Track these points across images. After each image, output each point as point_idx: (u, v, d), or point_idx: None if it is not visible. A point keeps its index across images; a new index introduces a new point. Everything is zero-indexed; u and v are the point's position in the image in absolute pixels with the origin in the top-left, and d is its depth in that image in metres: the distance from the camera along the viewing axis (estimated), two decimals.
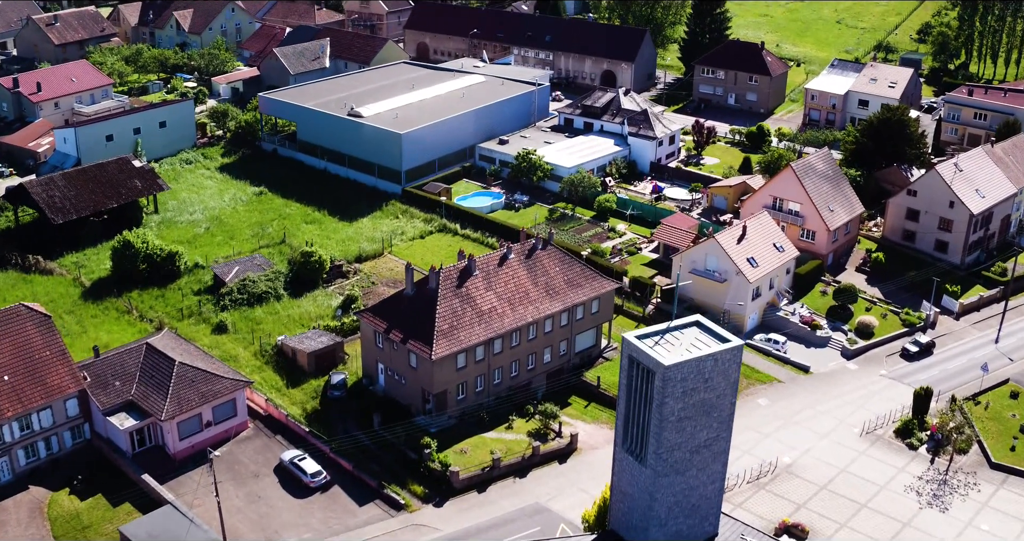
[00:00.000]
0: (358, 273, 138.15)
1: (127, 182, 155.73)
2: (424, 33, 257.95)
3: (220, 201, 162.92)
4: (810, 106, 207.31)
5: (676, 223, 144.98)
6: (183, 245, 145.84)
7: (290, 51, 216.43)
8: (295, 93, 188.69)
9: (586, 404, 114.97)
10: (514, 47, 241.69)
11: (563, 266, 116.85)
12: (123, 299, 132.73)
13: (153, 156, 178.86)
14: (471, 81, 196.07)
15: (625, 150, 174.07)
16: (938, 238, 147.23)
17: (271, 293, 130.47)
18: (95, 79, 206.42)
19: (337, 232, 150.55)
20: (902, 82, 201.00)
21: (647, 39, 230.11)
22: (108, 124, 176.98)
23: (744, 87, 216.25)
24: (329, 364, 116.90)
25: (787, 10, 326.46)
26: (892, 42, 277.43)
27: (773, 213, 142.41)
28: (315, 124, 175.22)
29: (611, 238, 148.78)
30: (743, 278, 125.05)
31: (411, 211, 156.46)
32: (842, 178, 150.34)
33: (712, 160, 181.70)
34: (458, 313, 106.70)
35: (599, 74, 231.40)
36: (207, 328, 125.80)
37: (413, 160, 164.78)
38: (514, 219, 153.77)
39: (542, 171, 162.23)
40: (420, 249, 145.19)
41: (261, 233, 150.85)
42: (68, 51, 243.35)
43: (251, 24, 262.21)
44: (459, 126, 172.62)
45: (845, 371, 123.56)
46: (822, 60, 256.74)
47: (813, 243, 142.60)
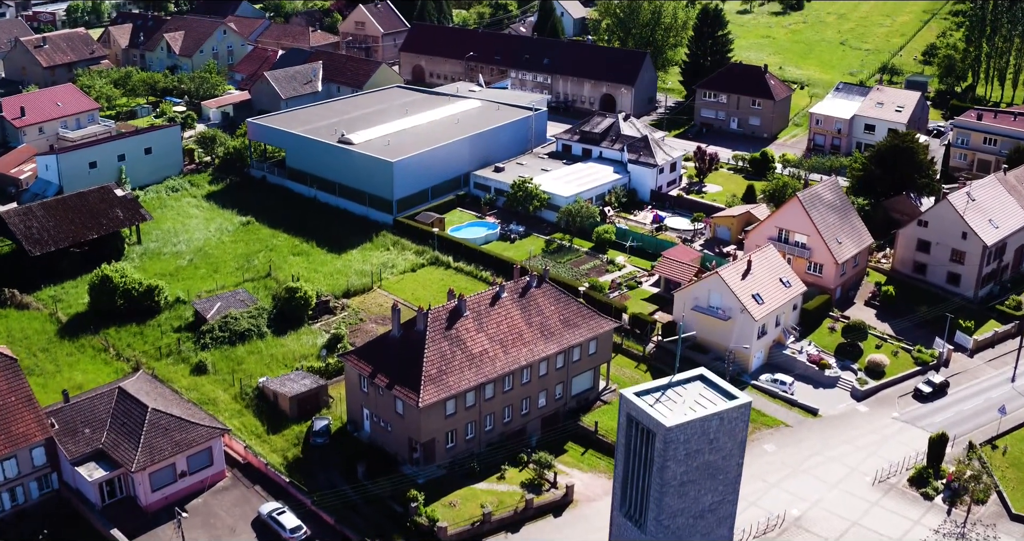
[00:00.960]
0: (346, 309, 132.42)
1: (108, 212, 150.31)
2: (420, 56, 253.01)
3: (205, 231, 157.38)
4: (815, 131, 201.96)
5: (678, 256, 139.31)
6: (165, 278, 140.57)
7: (281, 75, 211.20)
8: (285, 118, 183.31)
9: (583, 451, 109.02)
10: (511, 70, 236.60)
11: (559, 305, 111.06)
12: (100, 336, 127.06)
13: (138, 183, 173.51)
14: (466, 106, 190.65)
15: (625, 178, 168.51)
16: (950, 270, 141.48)
17: (254, 331, 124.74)
18: (81, 103, 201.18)
19: (325, 265, 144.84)
20: (909, 106, 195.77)
21: (647, 62, 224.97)
22: (91, 151, 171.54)
23: (747, 111, 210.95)
24: (312, 408, 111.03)
25: (790, 31, 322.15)
26: (897, 64, 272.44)
27: (779, 245, 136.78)
28: (304, 151, 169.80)
29: (610, 271, 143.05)
30: (748, 316, 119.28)
31: (402, 242, 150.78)
32: (850, 208, 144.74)
33: (715, 187, 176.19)
34: (447, 357, 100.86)
35: (598, 98, 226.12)
36: (186, 368, 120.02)
37: (405, 189, 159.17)
38: (509, 251, 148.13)
39: (539, 200, 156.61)
40: (411, 283, 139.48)
41: (246, 266, 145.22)
42: (57, 74, 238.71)
43: (243, 46, 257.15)
44: (453, 153, 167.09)
45: (855, 414, 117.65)
46: (826, 83, 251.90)
47: (820, 277, 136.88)
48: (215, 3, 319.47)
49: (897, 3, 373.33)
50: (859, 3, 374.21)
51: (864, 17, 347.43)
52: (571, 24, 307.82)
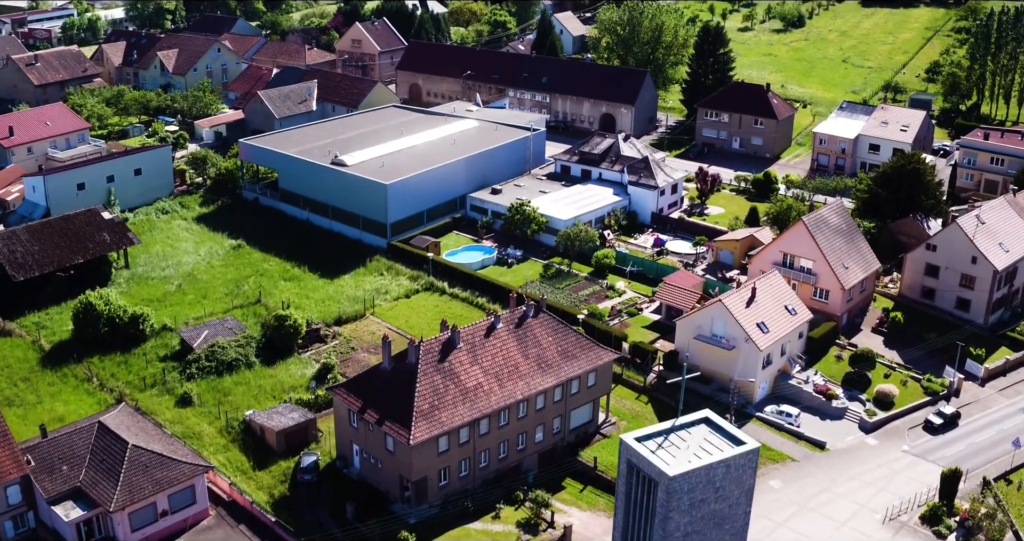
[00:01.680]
0: (337, 337, 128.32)
1: (95, 236, 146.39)
2: (417, 74, 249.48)
3: (195, 255, 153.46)
4: (818, 151, 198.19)
5: (679, 282, 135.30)
6: (152, 304, 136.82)
7: (275, 94, 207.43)
8: (278, 139, 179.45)
9: (582, 488, 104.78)
10: (509, 89, 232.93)
11: (556, 335, 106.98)
12: (83, 365, 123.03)
13: (128, 205, 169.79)
14: (463, 126, 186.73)
15: (625, 200, 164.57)
16: (960, 296, 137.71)
17: (241, 361, 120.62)
18: (71, 123, 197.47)
19: (316, 291, 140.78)
20: (914, 125, 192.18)
21: (647, 81, 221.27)
22: (79, 172, 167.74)
23: (749, 131, 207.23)
24: (300, 443, 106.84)
25: (791, 49, 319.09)
26: (900, 82, 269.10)
27: (783, 270, 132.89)
28: (297, 172, 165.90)
29: (610, 297, 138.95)
30: (753, 345, 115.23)
31: (396, 267, 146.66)
32: (856, 232, 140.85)
33: (717, 209, 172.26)
34: (440, 391, 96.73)
35: (598, 117, 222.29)
36: (170, 400, 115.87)
37: (399, 212, 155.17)
38: (506, 276, 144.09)
39: (537, 224, 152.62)
40: (405, 310, 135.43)
41: (236, 291, 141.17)
42: (48, 92, 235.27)
43: (238, 65, 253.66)
44: (449, 175, 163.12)
45: (864, 447, 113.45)
46: (828, 101, 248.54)
47: (827, 303, 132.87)
48: (211, 20, 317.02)
49: (899, 20, 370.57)
50: (861, 20, 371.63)
51: (866, 34, 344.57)
52: (570, 42, 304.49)
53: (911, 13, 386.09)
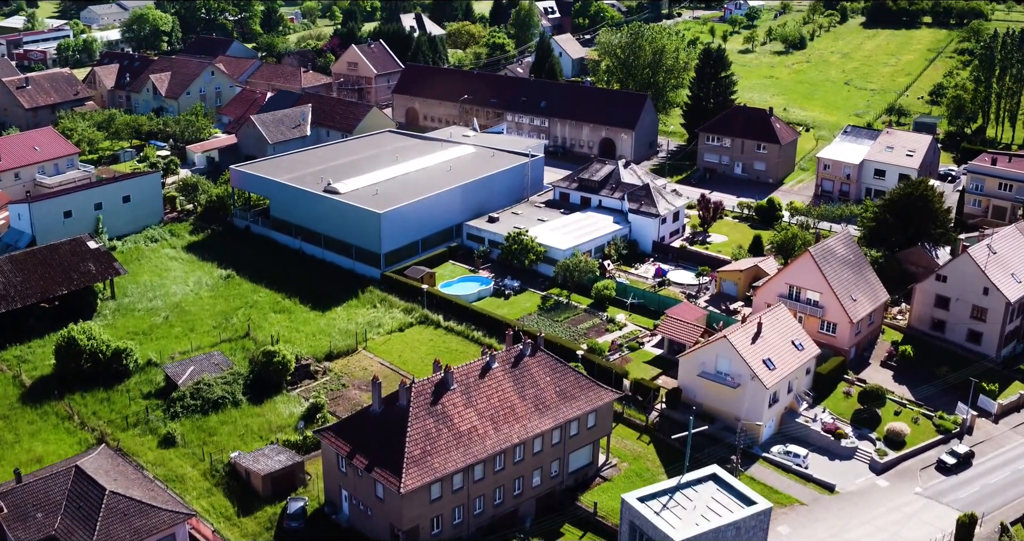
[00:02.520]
0: (327, 373, 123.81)
1: (80, 266, 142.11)
2: (413, 98, 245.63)
3: (184, 286, 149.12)
4: (822, 176, 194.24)
5: (682, 315, 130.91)
6: (138, 338, 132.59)
7: (268, 118, 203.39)
8: (270, 165, 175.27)
9: (581, 534, 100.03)
10: (507, 113, 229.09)
11: (555, 375, 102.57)
12: (64, 402, 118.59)
13: (116, 233, 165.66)
14: (460, 152, 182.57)
15: (625, 228, 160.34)
16: (971, 328, 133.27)
17: (228, 399, 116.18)
18: (60, 148, 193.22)
19: (308, 323, 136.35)
20: (920, 150, 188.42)
21: (648, 105, 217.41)
22: (66, 199, 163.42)
23: (752, 156, 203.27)
24: (287, 487, 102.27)
25: (793, 71, 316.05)
26: (903, 104, 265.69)
27: (789, 303, 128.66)
28: (289, 200, 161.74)
29: (610, 331, 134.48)
30: (759, 383, 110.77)
31: (390, 299, 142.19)
32: (864, 263, 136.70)
33: (719, 237, 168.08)
34: (432, 436, 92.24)
35: (597, 142, 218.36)
36: (153, 440, 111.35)
37: (394, 242, 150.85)
38: (503, 308, 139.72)
39: (534, 254, 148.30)
40: (398, 344, 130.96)
41: (224, 324, 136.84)
42: (39, 115, 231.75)
43: (232, 88, 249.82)
44: (445, 203, 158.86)
45: (875, 489, 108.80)
46: (831, 124, 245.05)
47: (834, 337, 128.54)
48: (207, 42, 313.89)
49: (901, 42, 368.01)
50: (863, 42, 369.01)
51: (868, 56, 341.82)
52: (569, 65, 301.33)
53: (913, 34, 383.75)
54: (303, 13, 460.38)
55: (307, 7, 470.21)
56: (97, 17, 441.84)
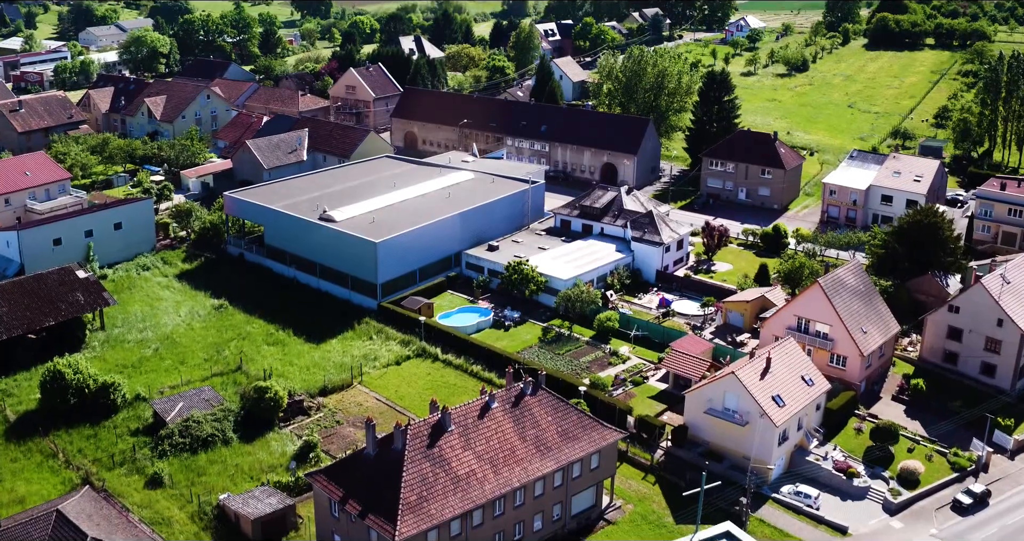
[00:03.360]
0: (321, 409, 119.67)
1: (68, 296, 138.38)
2: (412, 122, 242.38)
3: (175, 316, 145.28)
4: (828, 202, 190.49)
5: (687, 348, 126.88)
6: (127, 371, 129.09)
7: (264, 143, 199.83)
8: (264, 192, 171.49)
9: None
10: (507, 137, 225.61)
11: (556, 414, 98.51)
12: (49, 439, 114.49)
13: (107, 261, 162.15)
14: (459, 178, 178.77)
15: (628, 257, 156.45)
16: (985, 360, 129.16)
17: (218, 436, 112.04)
18: (52, 173, 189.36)
19: (301, 356, 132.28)
20: (928, 175, 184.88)
21: (650, 129, 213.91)
22: (55, 226, 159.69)
23: (756, 181, 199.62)
24: (278, 531, 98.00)
25: (796, 94, 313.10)
26: (908, 127, 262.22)
27: (798, 335, 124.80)
28: (283, 228, 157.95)
29: (613, 364, 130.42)
30: (768, 421, 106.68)
31: (387, 331, 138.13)
32: (874, 293, 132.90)
33: (724, 266, 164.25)
34: (429, 480, 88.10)
35: (599, 167, 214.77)
36: (140, 480, 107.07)
37: (390, 271, 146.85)
38: (503, 340, 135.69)
39: (535, 284, 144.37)
40: (395, 378, 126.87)
41: (216, 356, 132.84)
42: (33, 139, 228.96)
43: (228, 112, 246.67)
44: (443, 231, 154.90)
45: (889, 531, 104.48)
46: (835, 148, 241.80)
47: (844, 370, 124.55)
48: (204, 65, 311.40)
49: (904, 63, 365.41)
50: (865, 64, 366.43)
51: (871, 78, 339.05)
52: (570, 88, 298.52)
53: (916, 56, 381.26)
54: (302, 35, 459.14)
55: (306, 29, 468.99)
56: (95, 38, 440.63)
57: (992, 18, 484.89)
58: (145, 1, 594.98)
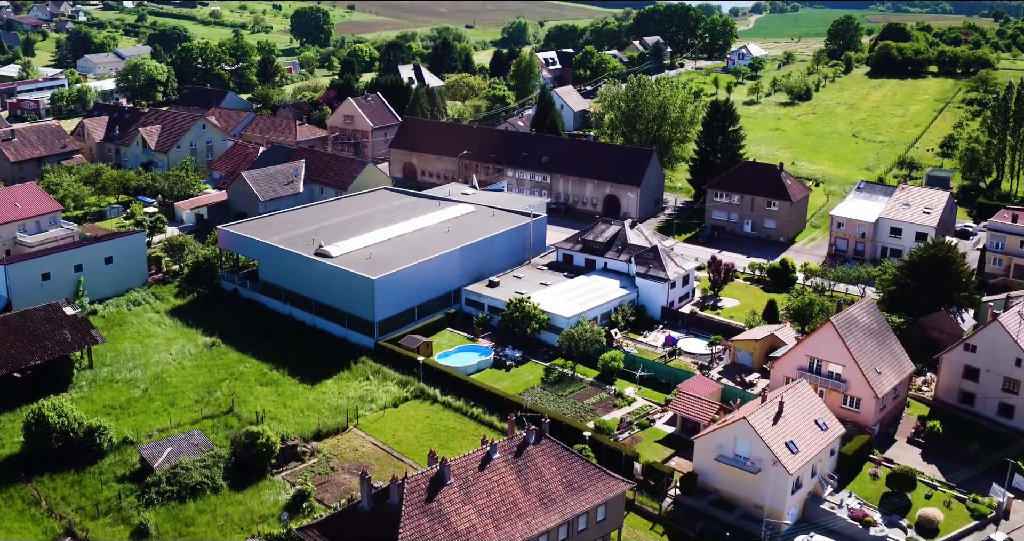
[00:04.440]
0: (315, 455, 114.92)
1: (55, 334, 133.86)
2: (411, 153, 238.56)
3: (166, 354, 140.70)
4: (836, 235, 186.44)
5: (695, 389, 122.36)
6: (115, 412, 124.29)
7: (260, 175, 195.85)
8: (259, 225, 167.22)
9: None
10: (508, 168, 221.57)
11: (561, 464, 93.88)
12: (31, 485, 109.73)
13: (97, 296, 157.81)
14: (458, 211, 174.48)
15: (633, 293, 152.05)
16: (1003, 401, 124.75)
17: (207, 484, 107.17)
18: (43, 205, 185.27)
19: (296, 398, 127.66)
20: (938, 207, 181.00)
21: (654, 160, 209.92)
22: (44, 261, 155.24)
23: (762, 213, 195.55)
24: None
25: (799, 123, 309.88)
26: (914, 157, 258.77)
27: (809, 376, 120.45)
28: (278, 263, 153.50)
29: (618, 406, 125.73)
30: (781, 468, 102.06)
31: (384, 371, 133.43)
32: (888, 331, 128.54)
33: (731, 301, 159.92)
34: (427, 536, 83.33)
35: (601, 199, 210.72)
36: (125, 531, 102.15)
37: (388, 309, 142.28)
38: (504, 380, 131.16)
39: (537, 322, 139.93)
40: (392, 421, 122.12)
41: (207, 398, 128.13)
42: (25, 169, 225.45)
43: (223, 142, 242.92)
44: (443, 266, 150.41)
45: None
46: (841, 179, 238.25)
47: (858, 412, 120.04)
48: (201, 93, 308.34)
49: (908, 92, 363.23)
50: (869, 92, 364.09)
51: (875, 107, 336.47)
52: (571, 117, 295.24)
53: (919, 84, 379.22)
54: (301, 63, 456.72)
55: (305, 57, 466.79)
56: (93, 66, 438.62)
57: (994, 45, 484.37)
58: (144, 29, 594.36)
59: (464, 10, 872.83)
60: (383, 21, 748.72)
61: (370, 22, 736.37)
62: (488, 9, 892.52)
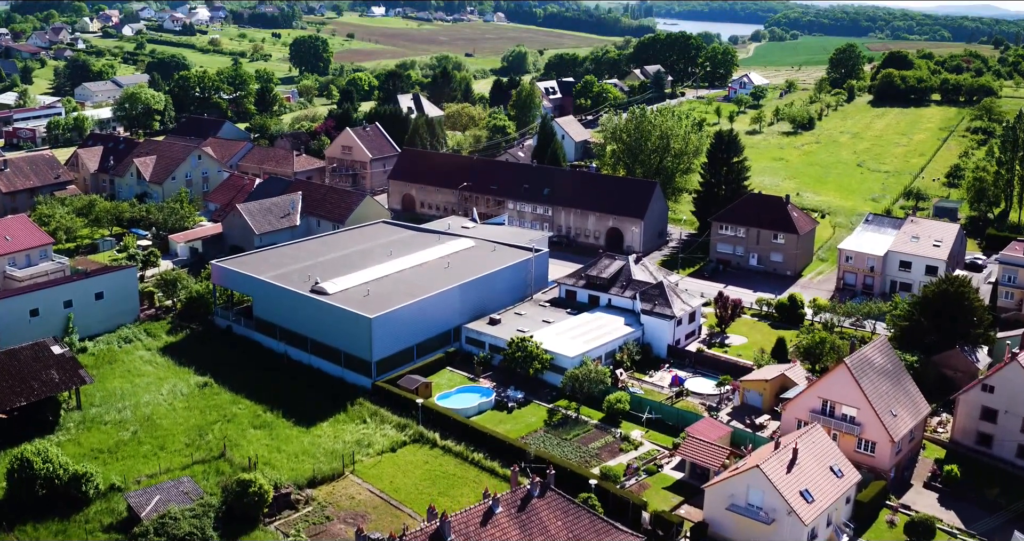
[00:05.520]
0: (310, 503, 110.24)
1: (42, 374, 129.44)
2: (410, 184, 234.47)
3: (156, 394, 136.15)
4: (844, 269, 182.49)
5: (704, 433, 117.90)
6: (102, 456, 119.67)
7: (255, 207, 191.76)
8: (254, 260, 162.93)
9: None
10: (509, 200, 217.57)
11: (567, 518, 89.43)
12: (13, 535, 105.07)
13: (87, 333, 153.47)
14: (458, 246, 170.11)
15: (638, 331, 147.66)
16: (1022, 443, 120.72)
17: (196, 535, 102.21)
18: (34, 237, 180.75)
19: (290, 442, 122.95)
20: (948, 240, 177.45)
21: (657, 192, 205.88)
22: (33, 297, 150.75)
23: (768, 247, 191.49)
24: None
25: (803, 153, 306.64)
26: (921, 187, 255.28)
27: (823, 419, 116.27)
28: (273, 300, 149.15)
29: (624, 450, 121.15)
30: (796, 519, 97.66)
31: (381, 413, 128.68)
32: (903, 372, 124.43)
33: (739, 339, 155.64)
34: None
35: (604, 232, 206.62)
36: None
37: (386, 348, 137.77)
38: (506, 423, 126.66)
39: (540, 362, 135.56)
40: (390, 467, 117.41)
41: (198, 441, 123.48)
42: (18, 199, 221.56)
43: (219, 173, 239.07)
44: (442, 304, 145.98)
45: None
46: (847, 210, 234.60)
47: (873, 457, 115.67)
48: (198, 123, 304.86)
49: (911, 120, 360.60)
50: (872, 121, 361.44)
51: (879, 136, 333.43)
52: (572, 147, 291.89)
53: (922, 113, 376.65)
54: (300, 92, 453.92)
55: (304, 86, 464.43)
56: (91, 94, 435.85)
57: (996, 73, 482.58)
58: (143, 57, 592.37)
59: (463, 38, 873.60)
60: (382, 49, 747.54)
61: (369, 50, 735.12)
62: (488, 37, 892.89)
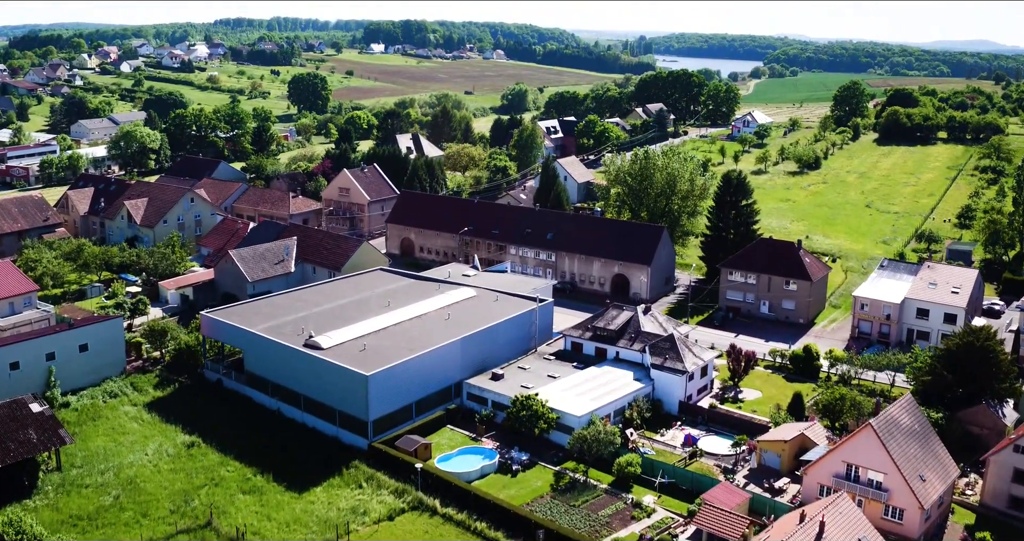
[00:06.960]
0: None
1: (19, 434, 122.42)
2: (409, 228, 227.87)
3: (141, 454, 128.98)
4: (859, 317, 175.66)
5: (721, 500, 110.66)
6: (81, 523, 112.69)
7: (249, 253, 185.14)
8: (246, 311, 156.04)
9: None
10: (511, 246, 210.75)
11: None
12: None
13: (71, 387, 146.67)
14: (459, 296, 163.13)
15: (648, 386, 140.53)
16: None
17: None
18: (18, 284, 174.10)
19: (281, 509, 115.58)
20: (967, 286, 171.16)
21: (665, 237, 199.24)
22: (13, 349, 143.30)
23: (780, 293, 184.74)
24: None
25: (810, 194, 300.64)
26: (932, 229, 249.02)
27: (847, 484, 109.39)
28: (265, 354, 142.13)
29: (636, 518, 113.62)
30: None
31: (378, 477, 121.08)
32: (931, 432, 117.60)
33: (753, 393, 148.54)
34: None
35: (609, 278, 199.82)
36: None
37: (383, 407, 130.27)
38: (510, 488, 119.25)
39: (546, 421, 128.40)
40: (387, 537, 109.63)
41: (183, 508, 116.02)
42: (4, 243, 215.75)
43: (212, 216, 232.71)
44: (443, 359, 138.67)
45: None
46: (858, 253, 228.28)
47: (901, 524, 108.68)
48: (193, 163, 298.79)
49: (918, 159, 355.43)
50: (878, 160, 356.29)
51: (886, 175, 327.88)
52: (575, 189, 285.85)
53: (929, 151, 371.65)
54: (298, 130, 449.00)
55: (302, 124, 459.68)
56: (87, 131, 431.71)
57: (1001, 110, 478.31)
58: (140, 94, 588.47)
59: (463, 75, 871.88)
60: (381, 87, 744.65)
61: (368, 88, 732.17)
62: (487, 75, 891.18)
